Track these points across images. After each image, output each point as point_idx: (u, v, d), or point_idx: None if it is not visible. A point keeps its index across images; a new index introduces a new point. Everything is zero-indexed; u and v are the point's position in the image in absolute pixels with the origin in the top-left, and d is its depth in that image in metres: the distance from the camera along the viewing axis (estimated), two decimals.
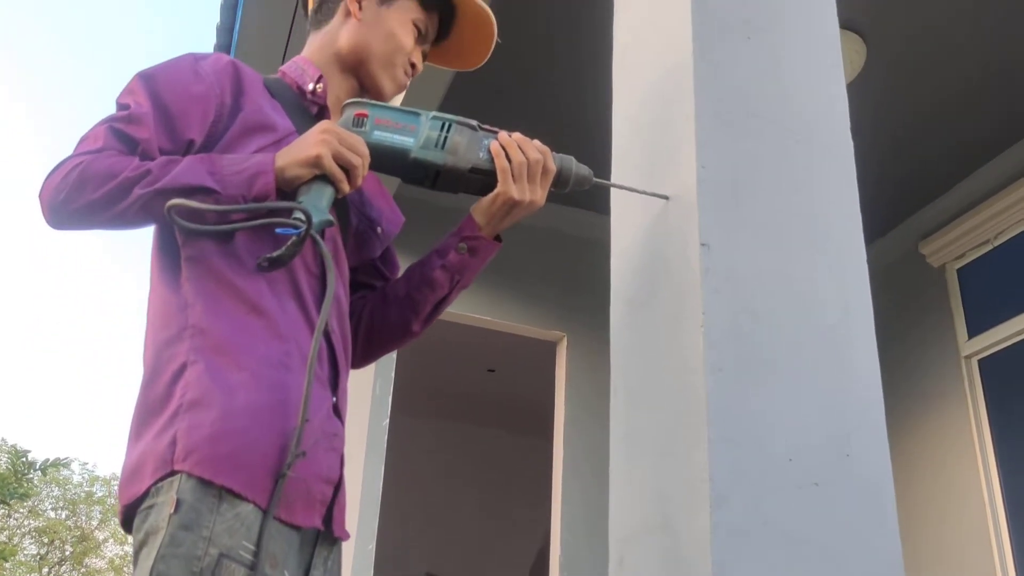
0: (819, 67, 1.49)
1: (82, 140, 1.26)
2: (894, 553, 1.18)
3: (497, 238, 1.44)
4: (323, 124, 1.29)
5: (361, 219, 1.48)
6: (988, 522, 3.84)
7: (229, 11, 3.83)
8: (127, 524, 1.19)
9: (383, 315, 1.49)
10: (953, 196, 4.31)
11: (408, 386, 5.18)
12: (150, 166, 1.21)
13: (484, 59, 1.60)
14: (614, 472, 1.39)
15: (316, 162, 1.24)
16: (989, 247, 4.12)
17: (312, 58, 1.51)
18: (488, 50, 1.59)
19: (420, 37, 1.53)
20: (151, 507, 1.12)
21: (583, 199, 4.67)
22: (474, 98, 1.65)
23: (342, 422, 1.30)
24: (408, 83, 1.54)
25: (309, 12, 1.57)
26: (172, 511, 1.09)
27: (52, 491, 19.37)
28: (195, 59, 1.34)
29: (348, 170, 1.27)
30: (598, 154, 1.63)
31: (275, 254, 1.20)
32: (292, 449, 1.13)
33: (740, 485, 1.15)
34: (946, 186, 4.35)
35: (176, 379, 1.18)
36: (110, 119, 1.27)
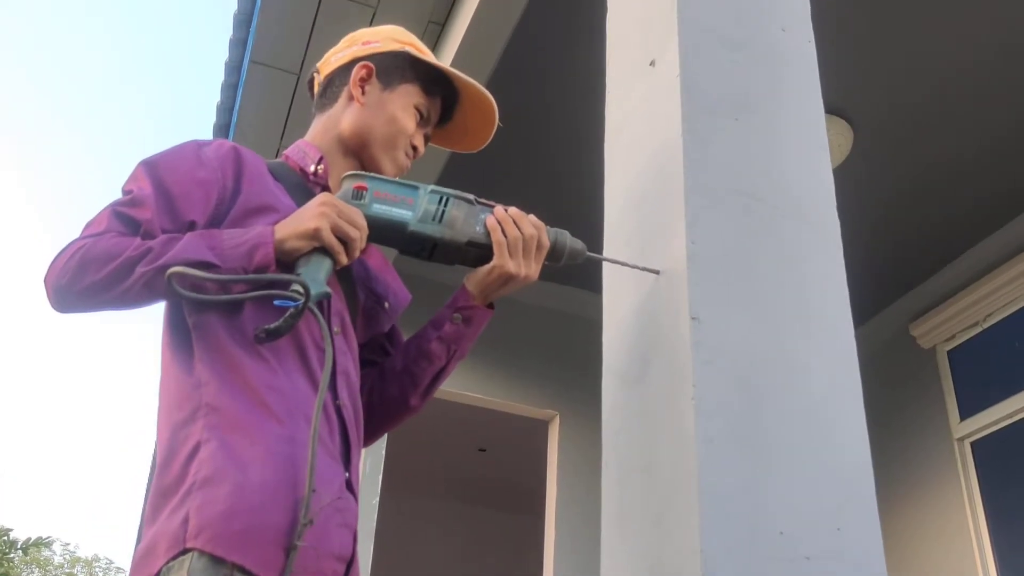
0: (806, 148, 1.53)
1: (87, 225, 1.28)
2: None
3: (489, 305, 1.46)
4: (322, 196, 1.31)
5: (368, 295, 1.49)
6: None
7: (230, 91, 3.91)
8: None
9: (381, 391, 1.50)
10: (942, 277, 4.36)
11: (399, 465, 5.14)
12: (151, 244, 1.23)
13: (486, 142, 1.65)
14: (605, 545, 1.38)
15: (314, 234, 1.26)
16: (979, 329, 4.15)
17: (314, 141, 1.55)
18: (490, 134, 1.63)
19: (422, 120, 1.57)
20: None
21: (576, 276, 4.73)
22: (470, 171, 1.68)
23: (355, 498, 1.29)
24: (409, 165, 1.58)
25: (315, 96, 1.61)
26: None
27: (32, 572, 18.94)
28: (198, 145, 1.38)
29: (346, 243, 1.29)
30: (592, 228, 1.66)
31: (272, 326, 1.21)
32: (301, 518, 1.12)
33: (731, 558, 1.14)
34: (935, 268, 4.40)
35: (190, 459, 1.18)
36: (113, 204, 1.30)
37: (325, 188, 1.49)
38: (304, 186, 1.47)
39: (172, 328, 1.32)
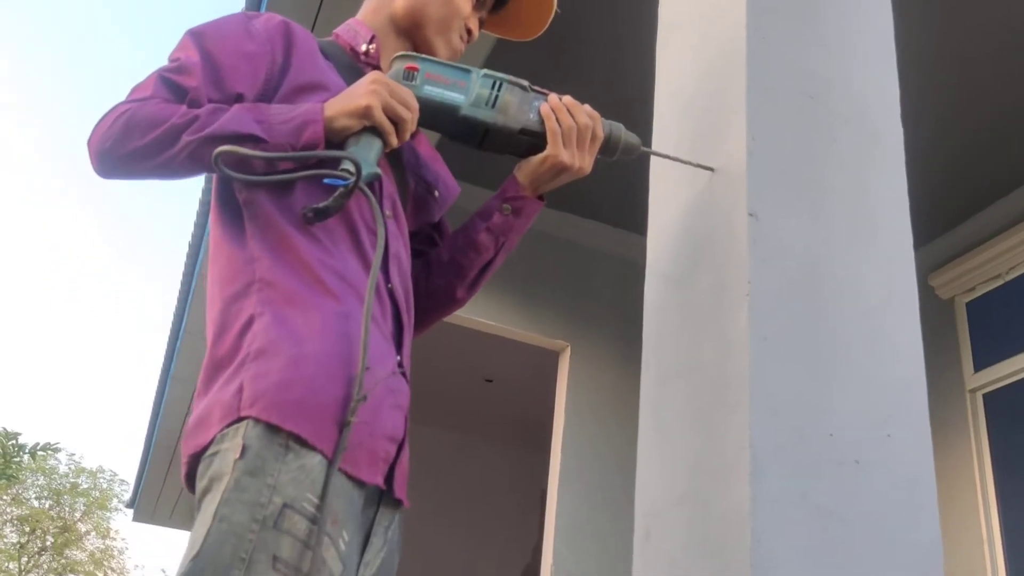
0: (873, 56, 1.47)
1: (133, 90, 1.23)
2: (934, 538, 1.15)
3: (540, 197, 1.41)
4: (373, 75, 1.25)
5: (419, 182, 1.44)
6: (985, 557, 3.79)
7: None
8: (190, 478, 1.15)
9: (427, 282, 1.45)
10: (965, 229, 4.30)
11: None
12: (198, 113, 1.18)
13: (541, 30, 1.57)
14: (643, 446, 1.35)
15: (365, 113, 1.21)
16: (1000, 282, 4.10)
17: (366, 20, 1.48)
18: (546, 22, 1.56)
19: (478, 4, 1.50)
20: (215, 453, 1.09)
21: (590, 210, 4.66)
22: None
23: (407, 381, 1.26)
24: (463, 50, 1.51)
25: None
26: (238, 456, 1.05)
27: (37, 479, 19.17)
28: (247, 17, 1.32)
29: (397, 123, 1.24)
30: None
31: (322, 205, 1.17)
32: (354, 394, 1.09)
33: (779, 457, 1.11)
34: (959, 219, 4.33)
35: (244, 332, 1.15)
36: (160, 70, 1.24)
37: (376, 68, 1.42)
38: (354, 66, 1.41)
39: (222, 203, 1.28)
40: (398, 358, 1.24)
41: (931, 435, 1.20)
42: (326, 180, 1.17)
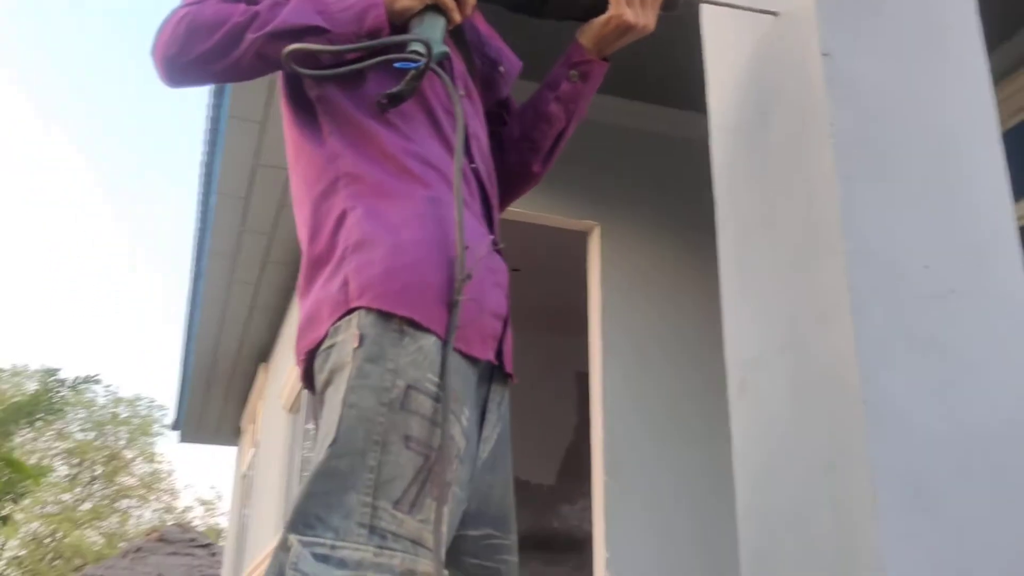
0: None
1: None
2: None
3: (604, 59, 1.38)
4: None
5: (484, 60, 1.41)
6: None
7: None
8: (308, 375, 1.18)
9: (501, 161, 1.43)
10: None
11: None
12: (257, 9, 1.16)
13: None
14: (728, 301, 1.36)
15: None
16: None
17: None
18: None
19: None
20: (332, 346, 1.11)
21: (611, 86, 4.60)
22: None
23: (503, 258, 1.27)
24: None
25: None
26: (356, 345, 1.07)
27: (78, 413, 19.63)
28: None
29: (460, 1, 1.21)
30: None
31: (395, 90, 1.15)
32: (457, 273, 1.10)
33: (879, 294, 1.12)
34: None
35: (338, 228, 1.16)
36: None
37: None
38: None
39: (294, 104, 1.26)
40: (492, 236, 1.24)
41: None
42: (397, 64, 1.14)
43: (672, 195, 4.88)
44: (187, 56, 1.15)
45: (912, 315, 1.12)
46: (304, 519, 1.02)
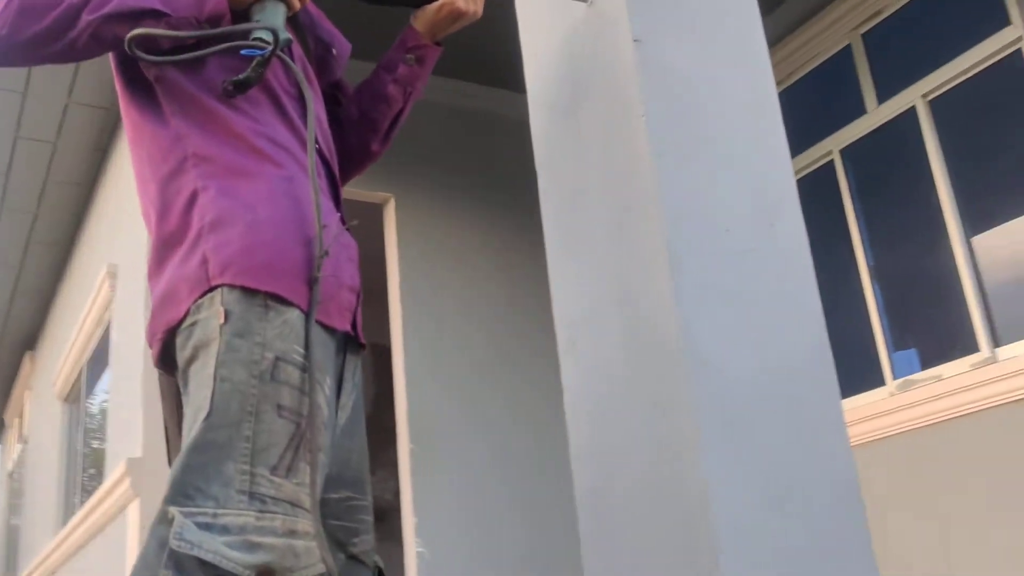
0: None
1: None
2: (815, 307, 1.36)
3: (437, 43, 1.46)
4: None
5: (317, 43, 1.45)
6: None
7: None
8: (165, 354, 1.21)
9: (340, 141, 1.49)
10: None
11: None
12: None
13: None
14: (554, 268, 1.49)
15: None
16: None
17: None
18: None
19: None
20: (195, 323, 1.14)
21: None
22: None
23: (351, 235, 1.32)
24: None
25: None
26: (222, 322, 1.11)
27: None
28: None
29: None
30: None
31: (241, 76, 1.19)
32: (316, 251, 1.15)
33: (691, 253, 1.27)
34: None
35: (190, 207, 1.18)
36: None
37: None
38: None
39: (130, 85, 1.27)
40: (339, 213, 1.29)
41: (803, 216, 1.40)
42: (243, 51, 1.18)
43: (466, 167, 5.02)
44: (17, 37, 1.14)
45: (719, 272, 1.28)
46: (183, 491, 1.07)
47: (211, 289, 1.14)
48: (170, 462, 1.33)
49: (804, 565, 1.18)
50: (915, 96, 4.16)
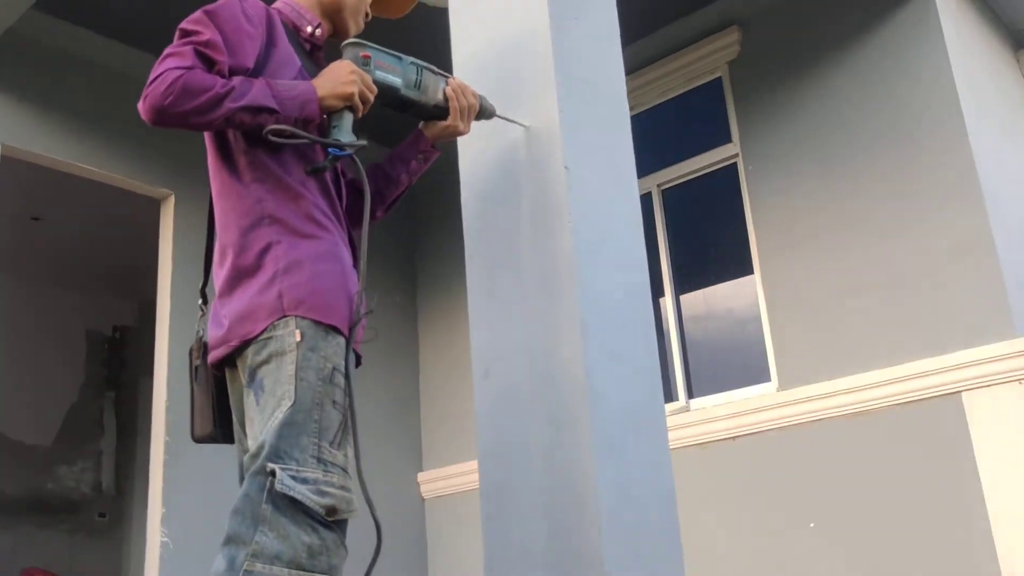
0: (606, 49, 2.23)
1: (171, 55, 1.61)
2: (656, 366, 2.03)
3: (433, 147, 2.03)
4: (350, 65, 1.77)
5: None
6: None
7: None
8: (230, 357, 1.70)
9: (354, 205, 1.97)
10: None
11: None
12: (234, 84, 1.63)
13: (405, 12, 2.17)
14: (475, 311, 2.06)
15: (350, 98, 1.75)
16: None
17: (303, 2, 1.94)
18: (413, 3, 2.14)
19: None
20: (270, 338, 1.63)
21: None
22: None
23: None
24: (363, 27, 2.04)
25: None
26: (299, 340, 1.61)
27: None
28: (241, 1, 1.74)
29: (364, 103, 1.78)
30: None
31: (320, 165, 1.73)
32: (360, 308, 1.70)
33: (595, 322, 1.89)
34: None
35: (264, 253, 1.67)
36: (193, 43, 1.64)
37: (315, 47, 1.92)
38: (297, 41, 1.88)
39: (222, 155, 1.75)
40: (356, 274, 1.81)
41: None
42: (331, 149, 1.69)
43: None
44: (177, 108, 1.58)
45: (611, 338, 1.92)
46: (277, 452, 1.56)
47: (284, 316, 1.63)
48: (193, 430, 1.78)
49: (649, 540, 1.85)
50: (652, 184, 5.13)
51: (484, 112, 2.01)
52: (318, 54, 1.94)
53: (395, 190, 2.05)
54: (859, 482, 4.09)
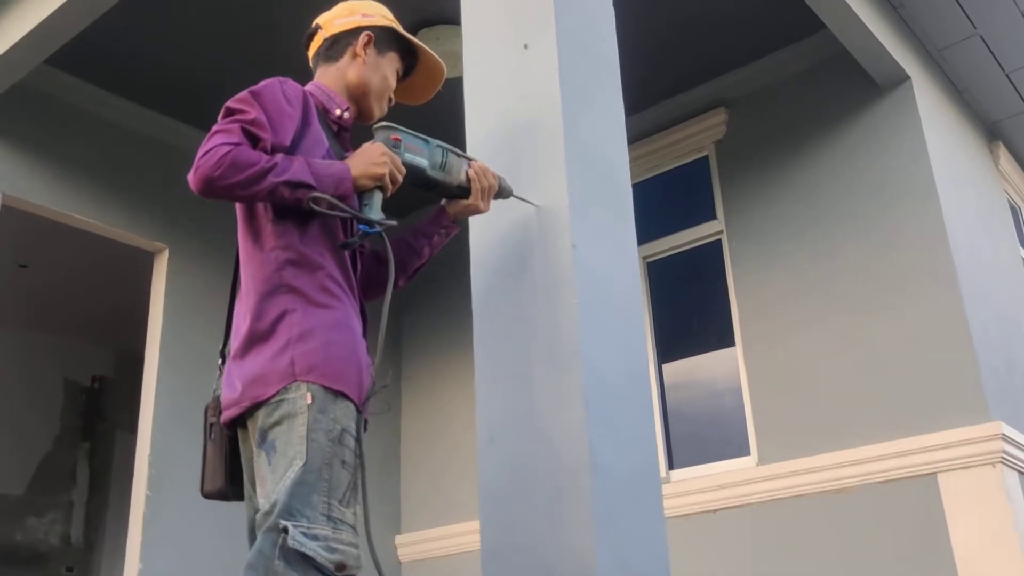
0: (613, 134, 2.36)
1: (220, 132, 1.73)
2: (653, 441, 2.12)
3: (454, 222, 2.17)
4: (381, 147, 1.89)
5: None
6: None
7: None
8: (242, 418, 1.79)
9: (377, 274, 2.10)
10: None
11: None
12: (276, 160, 1.74)
13: (429, 97, 2.28)
14: (482, 378, 2.14)
15: (381, 179, 1.87)
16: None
17: (331, 85, 2.07)
18: (433, 92, 2.27)
19: (398, 79, 2.17)
20: (282, 400, 1.72)
21: (180, 109, 4.97)
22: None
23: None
24: (386, 111, 2.16)
25: (316, 47, 2.12)
26: (310, 402, 1.70)
27: None
28: (280, 83, 1.87)
29: (394, 183, 1.90)
30: None
31: (351, 240, 1.85)
32: (375, 381, 1.82)
33: (597, 396, 1.98)
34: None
35: (280, 319, 1.77)
36: (239, 121, 1.75)
37: (342, 128, 2.05)
38: (325, 121, 2.00)
39: (250, 225, 1.87)
40: (365, 343, 1.91)
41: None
42: (361, 226, 1.80)
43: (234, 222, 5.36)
44: (225, 181, 1.69)
45: (612, 409, 2.01)
46: (289, 510, 1.64)
47: (295, 381, 1.72)
48: (204, 485, 1.84)
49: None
50: (639, 256, 5.27)
51: (502, 192, 2.13)
52: (344, 135, 2.07)
53: (417, 261, 2.17)
54: (837, 559, 4.17)
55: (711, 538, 4.57)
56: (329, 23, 2.13)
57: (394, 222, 1.87)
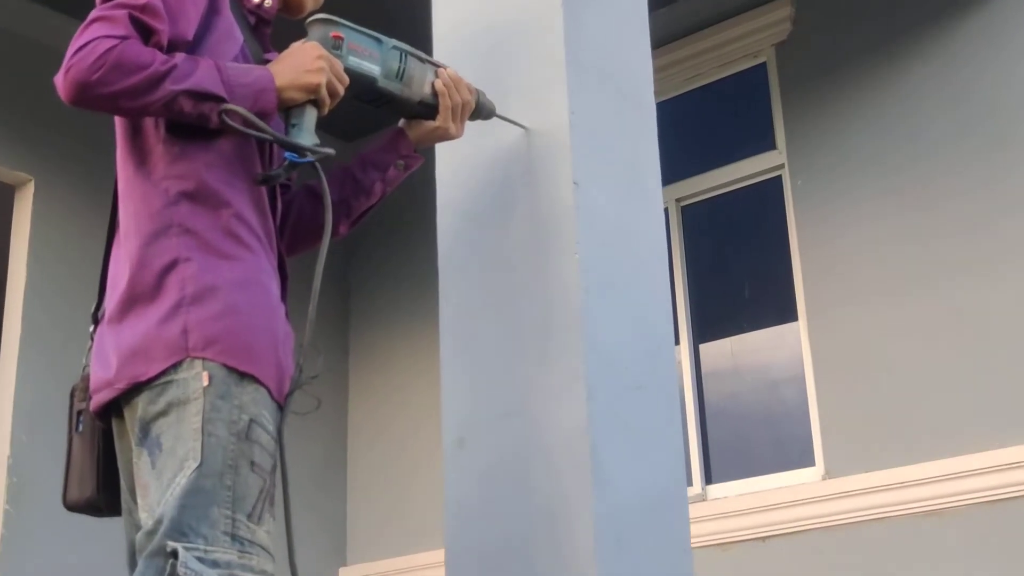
0: (631, 34, 2.36)
1: (99, 20, 1.69)
2: (679, 441, 2.15)
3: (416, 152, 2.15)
4: (317, 49, 1.86)
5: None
6: None
7: None
8: (116, 402, 1.77)
9: (312, 216, 2.07)
10: None
11: None
12: (176, 62, 1.71)
13: None
14: (448, 364, 2.16)
15: (315, 90, 1.84)
16: None
17: None
18: None
19: None
20: (169, 383, 1.70)
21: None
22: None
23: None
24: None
25: None
26: (206, 385, 1.68)
27: None
28: None
29: (332, 96, 1.87)
30: None
31: (273, 172, 1.83)
32: (300, 370, 1.81)
33: (603, 384, 2.00)
34: None
35: (168, 271, 1.74)
36: (127, 5, 1.71)
37: (262, 20, 2.02)
38: (241, 13, 1.97)
39: (132, 145, 1.82)
40: (285, 307, 1.90)
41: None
42: (286, 153, 1.80)
43: (107, 153, 5.33)
44: (106, 88, 1.66)
45: (624, 403, 2.03)
46: (179, 528, 1.63)
47: (188, 358, 1.70)
48: (68, 494, 1.91)
49: None
50: (669, 199, 5.27)
51: (481, 111, 2.12)
52: (264, 30, 2.03)
53: (366, 201, 2.13)
54: None
55: (758, 573, 4.61)
56: None
57: (331, 151, 1.85)
